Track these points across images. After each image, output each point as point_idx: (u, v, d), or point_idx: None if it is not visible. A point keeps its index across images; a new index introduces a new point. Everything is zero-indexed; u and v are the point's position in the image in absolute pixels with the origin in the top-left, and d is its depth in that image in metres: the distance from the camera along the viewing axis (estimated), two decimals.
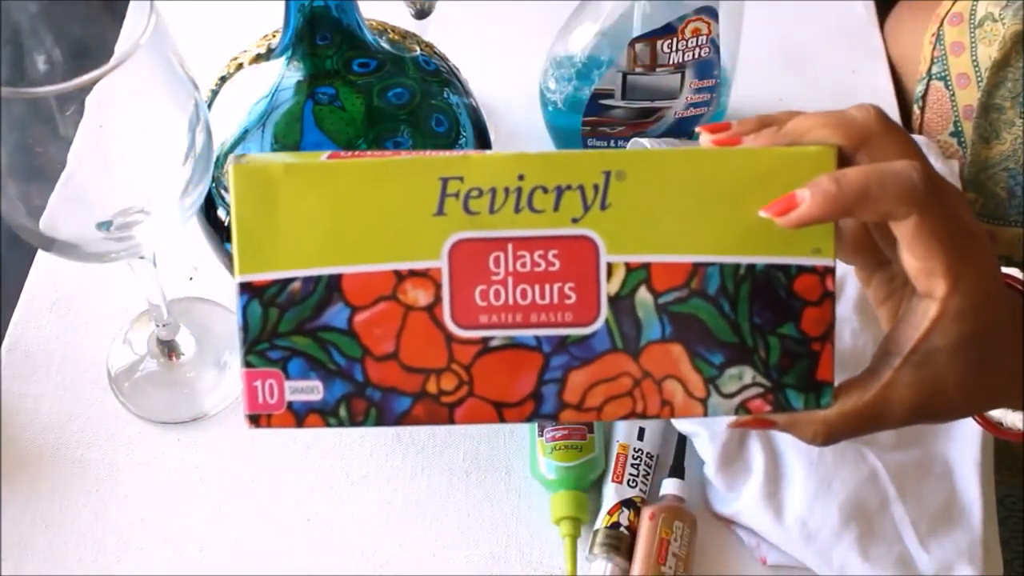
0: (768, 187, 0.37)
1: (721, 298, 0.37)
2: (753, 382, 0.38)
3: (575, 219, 0.37)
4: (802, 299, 0.37)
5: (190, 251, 0.66)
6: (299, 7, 0.52)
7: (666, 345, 0.37)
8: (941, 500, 0.58)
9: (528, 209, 0.37)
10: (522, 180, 0.37)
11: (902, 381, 0.38)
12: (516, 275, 0.37)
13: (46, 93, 0.42)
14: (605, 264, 0.37)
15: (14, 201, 0.47)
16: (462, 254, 0.37)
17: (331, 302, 0.37)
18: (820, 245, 0.37)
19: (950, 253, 0.36)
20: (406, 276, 0.37)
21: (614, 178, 0.37)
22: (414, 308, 0.37)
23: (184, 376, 0.63)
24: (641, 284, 0.37)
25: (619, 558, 0.56)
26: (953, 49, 0.72)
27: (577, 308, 0.37)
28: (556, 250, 0.37)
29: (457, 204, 0.37)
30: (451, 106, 0.58)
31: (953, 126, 0.72)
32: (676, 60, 0.65)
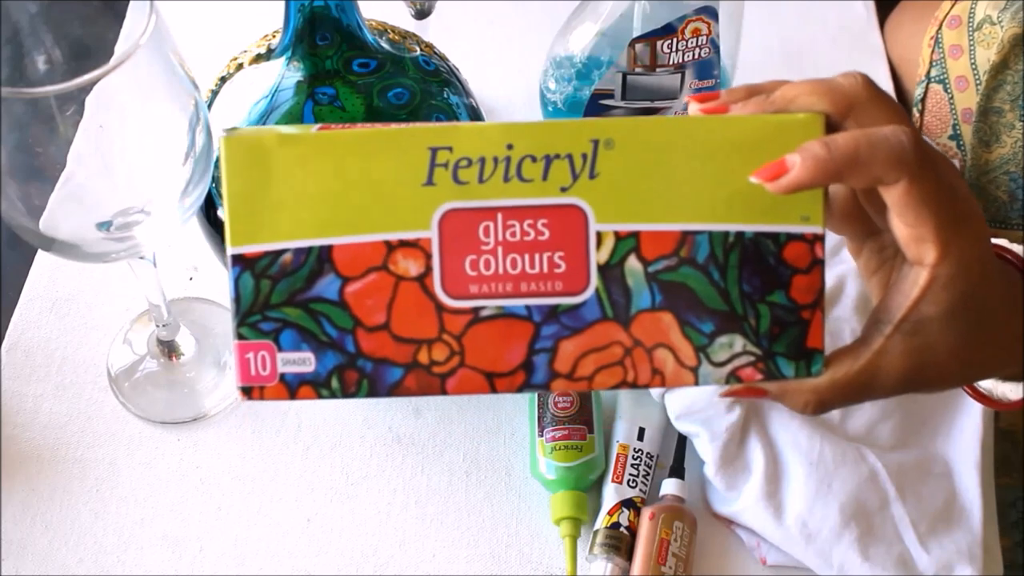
0: (757, 154, 0.37)
1: (711, 266, 0.37)
2: (744, 350, 0.38)
3: (564, 188, 0.37)
4: (791, 266, 0.37)
5: (190, 251, 0.66)
6: (299, 7, 0.52)
7: (656, 314, 0.37)
8: (941, 500, 0.58)
9: (517, 178, 0.37)
10: (511, 149, 0.37)
11: (893, 349, 0.38)
12: (506, 244, 0.37)
13: (46, 93, 0.42)
14: (594, 233, 0.37)
15: (14, 201, 0.47)
16: (452, 224, 0.37)
17: (322, 273, 0.37)
18: (809, 212, 0.37)
19: (940, 219, 0.36)
20: (396, 246, 0.37)
21: (602, 146, 0.37)
22: (405, 278, 0.37)
23: (184, 376, 0.63)
24: (631, 253, 0.37)
25: (619, 558, 0.56)
26: (952, 52, 0.72)
27: (567, 277, 0.37)
28: (545, 219, 0.37)
29: (446, 174, 0.37)
30: (451, 106, 0.58)
31: (952, 129, 0.72)
32: (676, 60, 0.65)
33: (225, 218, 0.37)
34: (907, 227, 0.36)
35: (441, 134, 0.37)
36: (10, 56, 0.49)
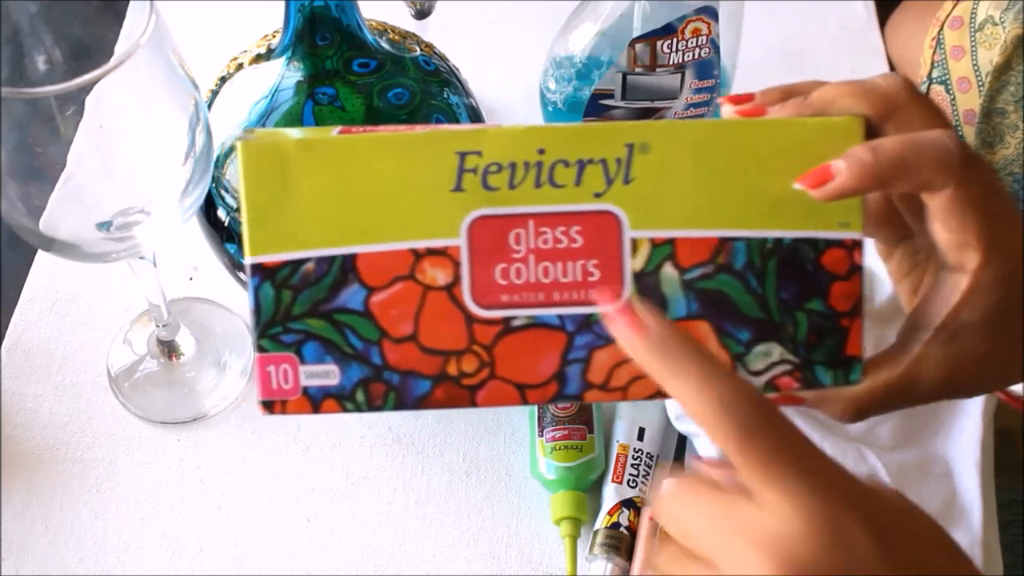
0: (795, 158, 0.36)
1: (748, 273, 0.36)
2: (781, 359, 0.37)
3: (598, 194, 0.36)
4: (830, 273, 0.36)
5: (190, 251, 0.66)
6: (299, 7, 0.52)
7: (692, 322, 0.36)
8: (941, 500, 0.58)
9: (549, 184, 0.36)
10: (542, 154, 0.36)
11: (932, 356, 0.37)
12: (537, 252, 0.36)
13: (46, 93, 0.42)
14: (629, 240, 0.36)
15: (14, 201, 0.47)
16: (481, 231, 0.36)
17: (346, 283, 0.35)
18: (848, 218, 0.36)
19: (984, 224, 0.35)
20: (424, 255, 0.35)
21: (637, 151, 0.36)
22: (433, 288, 0.36)
23: (184, 376, 0.63)
24: (666, 260, 0.36)
25: (619, 558, 0.56)
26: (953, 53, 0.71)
27: (601, 284, 0.36)
28: (579, 226, 0.36)
29: (475, 180, 0.35)
30: (451, 106, 0.58)
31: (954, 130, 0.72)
32: (676, 60, 0.65)
33: (243, 226, 0.35)
34: (950, 232, 0.35)
35: (470, 138, 0.35)
36: (10, 56, 0.49)
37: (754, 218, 0.36)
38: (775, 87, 0.38)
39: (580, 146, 0.36)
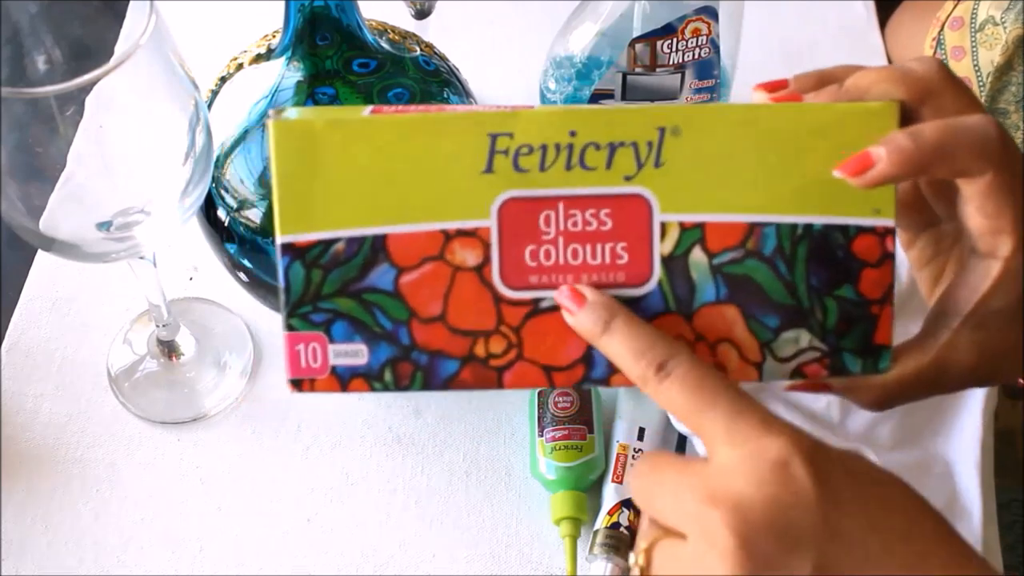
0: (830, 144, 0.36)
1: (777, 259, 0.36)
2: (809, 346, 0.37)
3: (628, 177, 0.36)
4: (861, 260, 0.36)
5: (190, 251, 0.66)
6: (299, 7, 0.52)
7: (721, 307, 0.36)
8: (941, 500, 0.58)
9: (580, 167, 0.36)
10: (574, 136, 0.35)
11: (961, 343, 0.37)
12: (567, 234, 0.36)
13: (46, 93, 0.42)
14: (659, 223, 0.36)
15: (14, 201, 0.47)
16: (512, 213, 0.35)
17: (376, 263, 0.36)
18: (880, 205, 0.36)
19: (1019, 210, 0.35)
20: (454, 236, 0.36)
21: (669, 134, 0.36)
22: (462, 268, 0.36)
23: (184, 376, 0.63)
24: (695, 244, 0.36)
25: (619, 558, 0.56)
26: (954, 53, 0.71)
27: (629, 268, 0.36)
28: (608, 209, 0.36)
29: (507, 161, 0.35)
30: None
31: None
32: (676, 60, 0.65)
33: (275, 205, 0.35)
34: (986, 218, 0.35)
35: (502, 120, 0.35)
36: (10, 56, 0.49)
37: (785, 203, 0.36)
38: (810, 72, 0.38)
39: (612, 129, 0.36)
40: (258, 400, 0.63)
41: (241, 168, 0.55)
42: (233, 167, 0.55)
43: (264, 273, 0.57)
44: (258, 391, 0.63)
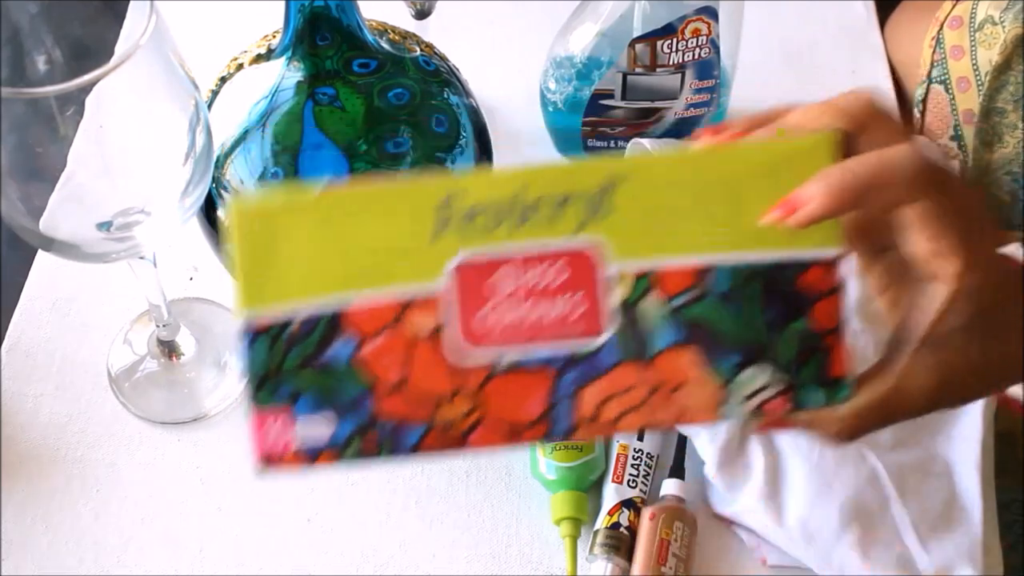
0: (771, 181, 0.36)
1: (731, 298, 0.36)
2: (769, 382, 0.37)
3: (578, 229, 0.36)
4: (812, 293, 0.36)
5: (190, 251, 0.66)
6: (299, 7, 0.52)
7: (679, 350, 0.36)
8: (941, 500, 0.58)
9: (530, 223, 0.36)
10: (522, 194, 0.36)
11: (918, 368, 0.37)
12: (522, 291, 0.36)
13: (46, 93, 0.42)
14: (611, 273, 0.36)
15: (14, 201, 0.47)
16: (466, 275, 0.36)
17: (336, 335, 0.36)
18: (827, 237, 0.36)
19: (959, 233, 0.35)
20: (410, 303, 0.36)
21: (615, 184, 0.36)
22: (420, 335, 0.36)
23: (184, 376, 0.63)
24: (649, 290, 0.36)
25: (619, 558, 0.56)
26: (953, 53, 0.71)
27: (585, 320, 0.36)
28: (560, 262, 0.36)
29: (458, 224, 0.36)
30: (451, 106, 0.58)
31: (953, 130, 0.72)
32: (676, 60, 0.65)
33: (236, 285, 0.36)
34: (927, 242, 0.36)
35: (450, 185, 0.36)
36: (10, 56, 0.49)
37: (734, 243, 0.36)
38: (748, 116, 0.38)
39: (559, 183, 0.36)
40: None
41: (241, 168, 0.55)
42: (233, 167, 0.55)
43: None
44: None
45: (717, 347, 0.36)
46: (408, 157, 0.55)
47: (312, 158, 0.55)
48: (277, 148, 0.55)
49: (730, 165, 0.36)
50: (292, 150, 0.55)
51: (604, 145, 0.71)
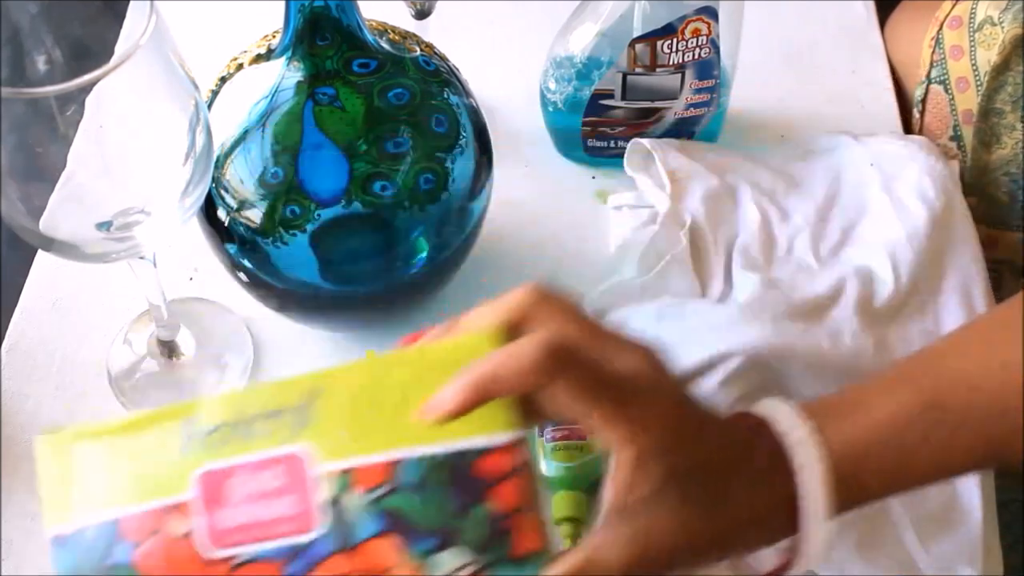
0: (441, 379, 0.40)
1: (420, 488, 0.40)
2: (465, 563, 0.40)
3: (288, 438, 0.41)
4: (494, 476, 0.40)
5: (190, 251, 0.66)
6: (299, 7, 0.52)
7: (380, 539, 0.40)
8: (941, 501, 0.58)
9: (251, 436, 0.42)
10: (245, 413, 0.42)
11: (609, 540, 0.38)
12: (248, 496, 0.41)
13: (46, 93, 0.42)
14: (318, 474, 0.41)
15: (14, 201, 0.47)
16: (206, 484, 0.41)
17: (116, 541, 0.42)
18: (505, 423, 0.40)
19: (607, 406, 0.37)
20: (169, 510, 0.42)
21: (316, 397, 0.42)
22: (176, 538, 0.41)
23: (184, 376, 0.63)
24: (348, 487, 0.41)
25: None
26: (952, 53, 0.71)
27: (300, 518, 0.41)
28: (277, 468, 0.41)
29: (197, 442, 0.42)
30: (451, 106, 0.58)
31: (952, 130, 0.72)
32: (676, 60, 0.65)
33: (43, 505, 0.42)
34: (584, 419, 0.38)
35: (191, 409, 0.42)
36: (10, 56, 0.49)
37: (420, 437, 0.40)
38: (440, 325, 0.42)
39: (272, 400, 0.42)
40: None
41: (241, 168, 0.55)
42: (233, 167, 0.55)
43: (264, 273, 0.57)
44: None
45: (413, 534, 0.40)
46: (408, 157, 0.55)
47: (312, 158, 0.55)
48: (277, 148, 0.55)
49: (413, 366, 0.41)
50: (292, 150, 0.55)
51: (604, 145, 0.71)
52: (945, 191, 0.65)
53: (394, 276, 0.58)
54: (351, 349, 0.65)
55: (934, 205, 0.64)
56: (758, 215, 0.65)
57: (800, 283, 0.62)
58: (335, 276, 0.58)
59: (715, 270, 0.64)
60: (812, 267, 0.64)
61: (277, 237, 0.55)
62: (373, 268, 0.58)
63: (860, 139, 0.70)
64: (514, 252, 0.69)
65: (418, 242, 0.57)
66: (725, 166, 0.68)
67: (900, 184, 0.66)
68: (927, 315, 0.62)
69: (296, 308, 0.61)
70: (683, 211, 0.65)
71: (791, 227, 0.66)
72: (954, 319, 0.62)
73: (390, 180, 0.55)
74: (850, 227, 0.66)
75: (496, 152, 0.61)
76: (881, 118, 0.76)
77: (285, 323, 0.64)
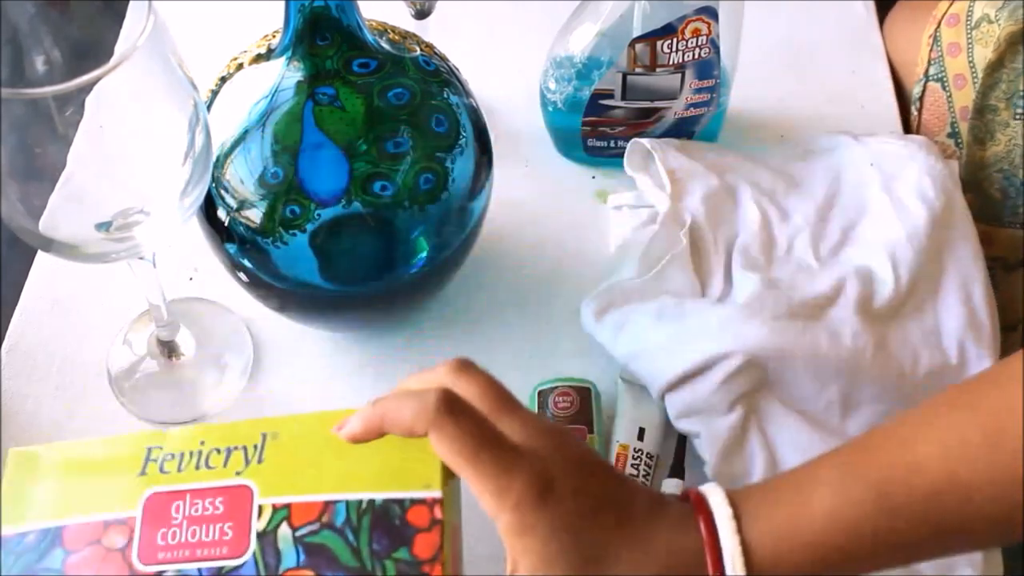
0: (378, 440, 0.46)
1: (346, 529, 0.45)
2: None
3: (239, 472, 0.46)
4: (414, 527, 0.44)
5: (190, 251, 0.66)
6: (299, 7, 0.52)
7: (300, 571, 0.44)
8: None
9: (205, 466, 0.47)
10: (203, 444, 0.47)
11: None
12: (190, 519, 0.45)
13: (46, 93, 0.42)
14: (257, 506, 0.45)
15: (14, 202, 0.47)
16: (153, 504, 0.46)
17: (53, 547, 0.45)
18: (429, 481, 0.45)
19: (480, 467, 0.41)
20: (111, 524, 0.46)
21: (270, 438, 0.47)
22: (112, 549, 0.45)
23: (184, 376, 0.63)
24: (283, 520, 0.45)
25: None
26: (950, 50, 0.72)
27: (233, 543, 0.45)
28: (222, 497, 0.46)
29: (155, 466, 0.47)
30: (451, 106, 0.58)
31: (950, 127, 0.72)
32: (676, 60, 0.65)
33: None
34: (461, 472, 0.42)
35: (155, 438, 0.48)
36: (10, 56, 0.49)
37: (353, 483, 0.45)
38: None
39: (229, 437, 0.47)
40: (258, 400, 0.63)
41: (241, 168, 0.55)
42: (233, 167, 0.55)
43: (264, 273, 0.57)
44: (258, 391, 0.63)
45: (331, 569, 0.44)
46: (408, 157, 0.55)
47: (312, 158, 0.55)
48: (277, 148, 0.55)
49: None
50: (292, 150, 0.55)
51: (604, 145, 0.71)
52: (945, 190, 0.65)
53: (394, 276, 0.58)
54: (351, 349, 0.65)
55: (934, 205, 0.64)
56: (758, 215, 0.65)
57: (800, 283, 0.62)
58: (335, 276, 0.58)
59: (715, 270, 0.64)
60: (812, 267, 0.64)
61: (277, 237, 0.55)
62: (373, 268, 0.58)
63: (860, 139, 0.70)
64: (514, 252, 0.69)
65: (418, 242, 0.57)
66: (725, 166, 0.68)
67: (900, 184, 0.66)
68: (927, 315, 0.62)
69: (296, 308, 0.61)
70: (683, 211, 0.65)
71: (791, 227, 0.66)
72: (954, 318, 0.62)
73: (390, 180, 0.55)
74: (850, 227, 0.66)
75: (496, 152, 0.61)
76: (881, 118, 0.76)
77: (285, 323, 0.64)
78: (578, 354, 0.64)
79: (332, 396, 0.63)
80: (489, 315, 0.66)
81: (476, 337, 0.65)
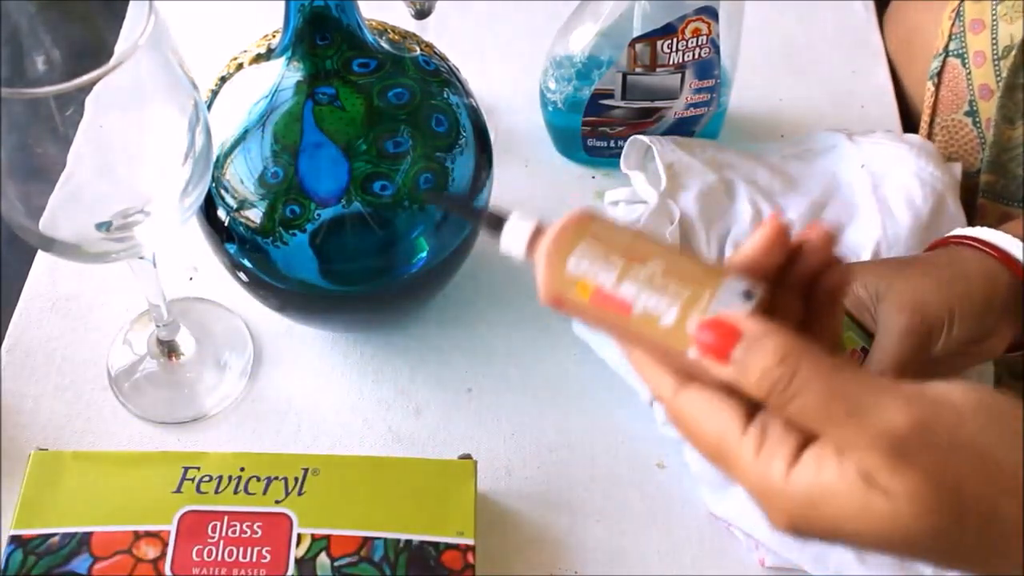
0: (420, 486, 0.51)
1: (384, 564, 0.49)
2: None
3: (278, 500, 0.50)
4: (448, 568, 0.49)
5: (190, 251, 0.66)
6: (299, 7, 0.52)
7: None
8: None
9: (244, 492, 0.50)
10: (243, 471, 0.51)
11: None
12: (227, 539, 0.49)
13: (46, 93, 0.42)
14: (296, 534, 0.49)
15: (14, 202, 0.47)
16: (188, 521, 0.49)
17: (79, 552, 0.48)
18: (463, 528, 0.49)
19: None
20: (142, 536, 0.48)
21: (311, 473, 0.51)
22: (143, 560, 0.48)
23: (184, 376, 0.63)
24: (322, 551, 0.49)
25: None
26: (972, 26, 0.70)
27: (271, 566, 0.48)
28: (260, 522, 0.49)
29: (192, 485, 0.50)
30: (451, 106, 0.58)
31: (968, 105, 0.71)
32: (676, 60, 0.65)
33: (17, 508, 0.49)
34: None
35: (193, 458, 0.51)
36: (10, 56, 0.49)
37: (391, 524, 0.49)
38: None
39: (270, 468, 0.51)
40: (258, 400, 0.63)
41: (241, 168, 0.55)
42: (233, 167, 0.55)
43: (264, 273, 0.57)
44: (258, 391, 0.63)
45: None
46: (408, 157, 0.55)
47: (312, 157, 0.55)
48: (277, 148, 0.55)
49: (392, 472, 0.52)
50: (292, 150, 0.55)
51: (604, 145, 0.71)
52: (935, 194, 0.65)
53: (394, 276, 0.58)
54: (351, 349, 0.65)
55: (920, 210, 0.64)
56: (751, 210, 0.65)
57: None
58: (335, 276, 0.58)
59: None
60: None
61: (277, 237, 0.55)
62: (373, 268, 0.58)
63: (854, 138, 0.69)
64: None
65: (418, 242, 0.57)
66: (723, 163, 0.68)
67: (887, 187, 0.66)
68: None
69: (296, 308, 0.61)
70: (672, 207, 0.65)
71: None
72: None
73: (390, 180, 0.55)
74: (840, 228, 0.66)
75: (496, 152, 0.61)
76: (881, 118, 0.76)
77: (285, 323, 0.64)
78: (578, 354, 0.64)
79: (332, 396, 0.63)
80: (489, 315, 0.66)
81: (476, 337, 0.65)
